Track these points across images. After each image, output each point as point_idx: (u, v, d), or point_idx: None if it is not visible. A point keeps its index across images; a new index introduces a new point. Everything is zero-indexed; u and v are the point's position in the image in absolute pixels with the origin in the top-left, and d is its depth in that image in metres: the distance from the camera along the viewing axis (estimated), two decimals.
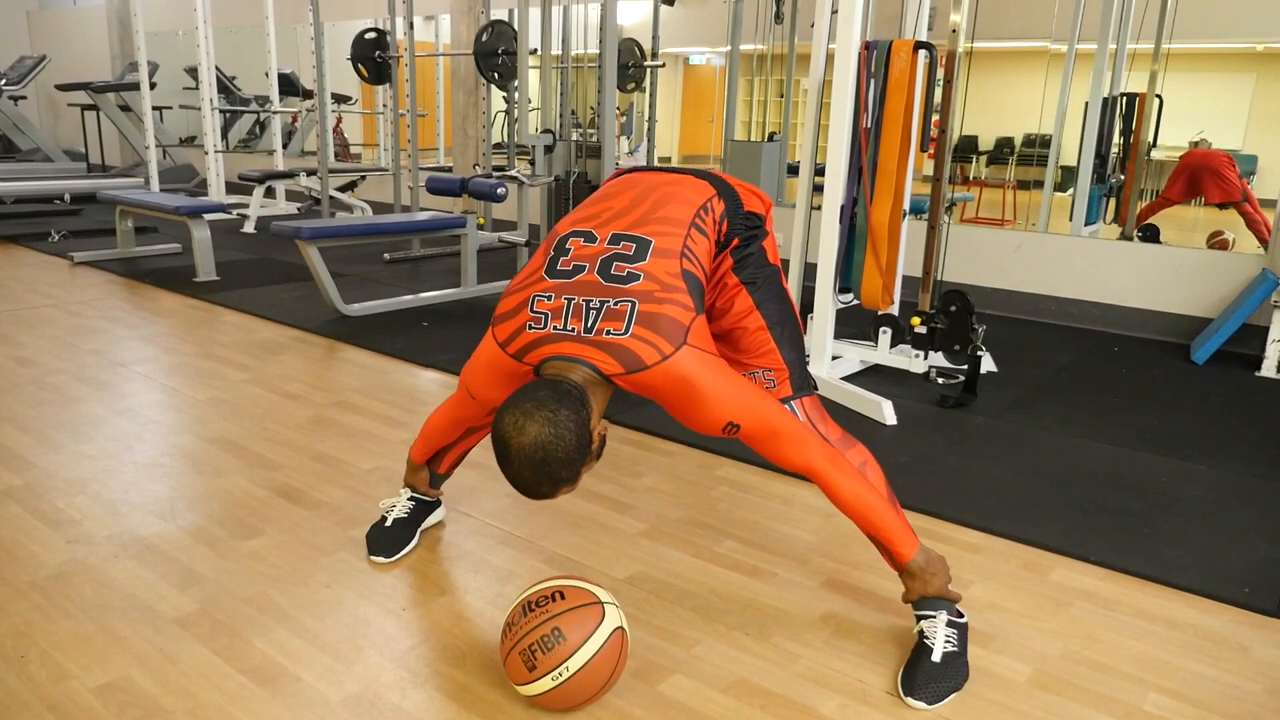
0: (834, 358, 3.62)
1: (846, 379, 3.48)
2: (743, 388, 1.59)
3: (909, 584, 1.74)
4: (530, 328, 1.57)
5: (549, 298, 1.58)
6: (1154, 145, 5.08)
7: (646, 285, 1.56)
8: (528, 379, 1.59)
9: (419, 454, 2.11)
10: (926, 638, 1.72)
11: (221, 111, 8.47)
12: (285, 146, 8.97)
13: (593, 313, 1.54)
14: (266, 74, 7.90)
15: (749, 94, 6.83)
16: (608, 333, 1.52)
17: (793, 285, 3.79)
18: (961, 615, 1.78)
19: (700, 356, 1.54)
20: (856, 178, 3.45)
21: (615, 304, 1.55)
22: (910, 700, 1.64)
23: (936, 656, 1.69)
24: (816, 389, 1.87)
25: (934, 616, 1.74)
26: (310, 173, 7.42)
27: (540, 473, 1.43)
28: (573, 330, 1.54)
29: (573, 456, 1.45)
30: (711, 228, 1.71)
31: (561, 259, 1.63)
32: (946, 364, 3.55)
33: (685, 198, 1.71)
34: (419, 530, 2.18)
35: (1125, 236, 5.15)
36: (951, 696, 1.66)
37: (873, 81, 3.36)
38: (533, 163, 5.11)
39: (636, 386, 1.54)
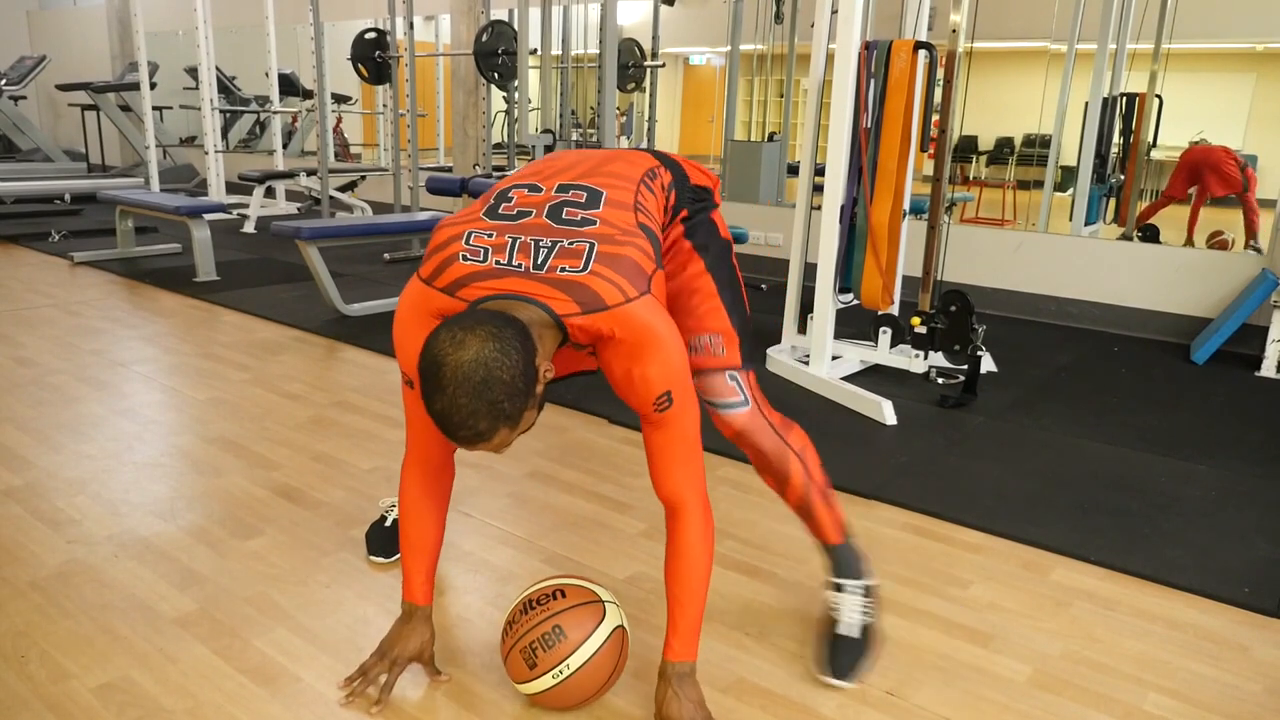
0: (834, 358, 3.62)
1: (846, 379, 3.48)
2: (686, 363, 1.43)
3: (662, 680, 1.51)
4: (465, 259, 1.37)
5: (489, 235, 1.39)
6: (1154, 145, 5.08)
7: (604, 229, 1.41)
8: None
9: (424, 579, 1.66)
10: (840, 610, 1.76)
11: (221, 111, 8.48)
12: (285, 146, 8.98)
13: (544, 250, 1.36)
14: (266, 74, 7.90)
15: (749, 94, 6.83)
16: (563, 269, 1.35)
17: (792, 285, 3.79)
18: (872, 575, 1.82)
19: (661, 310, 1.39)
20: (856, 178, 3.45)
21: (570, 244, 1.37)
22: (834, 681, 1.68)
23: (854, 632, 1.74)
24: (760, 365, 1.78)
25: (846, 586, 1.78)
26: (310, 173, 7.42)
27: (479, 398, 1.21)
28: (519, 265, 1.35)
29: (518, 384, 1.24)
30: (660, 192, 1.59)
31: (504, 205, 1.46)
32: (946, 364, 3.55)
33: (630, 160, 1.61)
34: None
35: (1125, 236, 5.15)
36: (869, 666, 1.71)
37: (873, 81, 3.36)
38: None
39: (586, 331, 1.35)
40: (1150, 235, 5.13)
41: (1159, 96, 4.97)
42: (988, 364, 3.66)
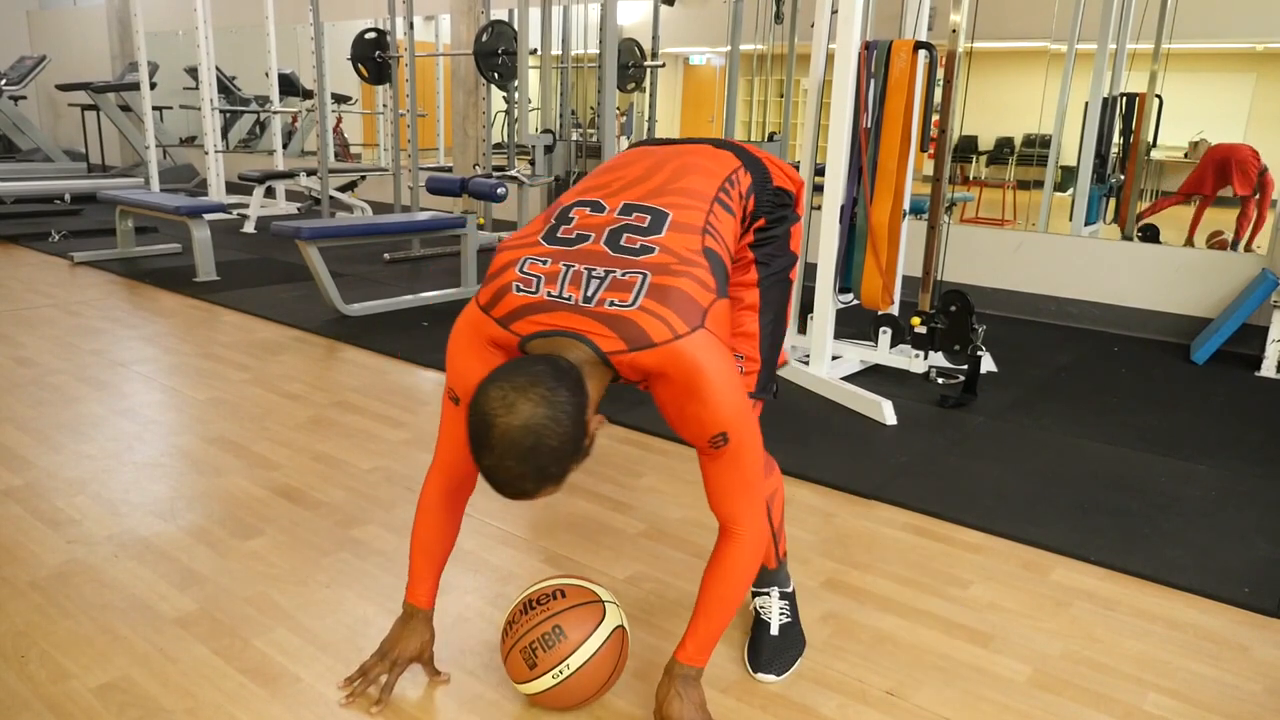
0: (834, 358, 3.62)
1: (846, 379, 3.48)
2: (746, 399, 1.37)
3: (666, 677, 1.51)
4: (518, 289, 1.34)
5: (544, 261, 1.36)
6: (1154, 145, 5.08)
7: (662, 258, 1.35)
8: (514, 355, 1.36)
9: (431, 583, 1.65)
10: (763, 613, 1.78)
11: (221, 111, 8.47)
12: (285, 146, 8.97)
13: (595, 281, 1.32)
14: (266, 74, 7.90)
15: (749, 94, 6.83)
16: (611, 304, 1.30)
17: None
18: (789, 585, 1.83)
19: (716, 345, 1.32)
20: (856, 178, 3.45)
21: (623, 275, 1.32)
22: (761, 676, 1.70)
23: (775, 630, 1.75)
24: (775, 397, 1.70)
25: (767, 594, 1.80)
26: (310, 173, 7.42)
27: (527, 464, 1.20)
28: (569, 298, 1.31)
29: (567, 448, 1.23)
30: (737, 203, 1.51)
31: (563, 227, 1.42)
32: (946, 364, 3.55)
33: (707, 169, 1.51)
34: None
35: (1126, 236, 5.15)
36: (798, 663, 1.73)
37: (873, 81, 3.36)
38: (533, 163, 5.11)
39: (635, 368, 1.31)
40: (1150, 235, 5.13)
41: (1159, 96, 4.97)
42: (988, 364, 3.66)
